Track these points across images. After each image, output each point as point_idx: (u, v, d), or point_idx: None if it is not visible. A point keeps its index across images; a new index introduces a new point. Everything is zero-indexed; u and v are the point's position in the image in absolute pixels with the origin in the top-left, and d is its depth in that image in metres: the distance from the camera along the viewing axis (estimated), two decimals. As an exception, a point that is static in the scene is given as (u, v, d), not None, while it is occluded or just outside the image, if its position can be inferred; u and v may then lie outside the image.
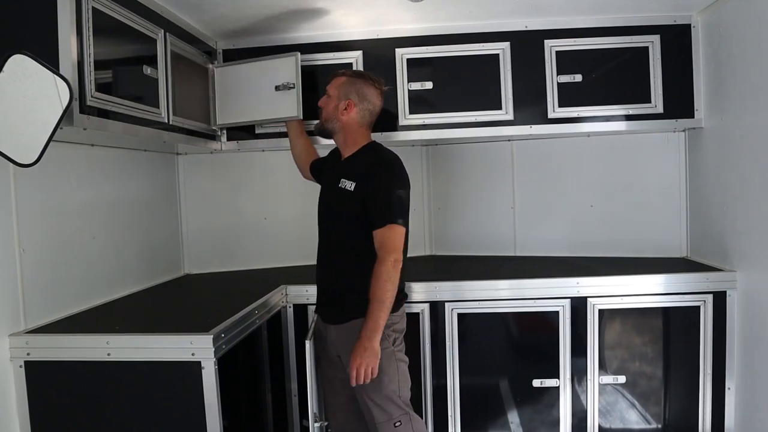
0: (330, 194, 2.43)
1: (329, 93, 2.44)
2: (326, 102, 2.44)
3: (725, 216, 2.84)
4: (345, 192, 2.32)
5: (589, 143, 3.40)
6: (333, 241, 2.42)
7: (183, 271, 3.45)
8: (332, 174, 2.45)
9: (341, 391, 2.42)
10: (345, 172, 2.36)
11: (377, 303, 2.17)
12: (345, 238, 2.36)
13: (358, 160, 2.39)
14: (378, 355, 2.18)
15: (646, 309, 2.83)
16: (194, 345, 2.00)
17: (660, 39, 3.01)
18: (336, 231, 2.40)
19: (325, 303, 2.45)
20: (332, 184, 2.39)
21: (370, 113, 2.43)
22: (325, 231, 2.47)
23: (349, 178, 2.32)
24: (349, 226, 2.32)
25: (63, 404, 2.08)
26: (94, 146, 2.61)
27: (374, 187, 2.27)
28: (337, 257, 2.40)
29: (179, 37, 2.69)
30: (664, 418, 2.87)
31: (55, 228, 2.34)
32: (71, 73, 1.92)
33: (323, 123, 2.46)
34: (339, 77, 2.45)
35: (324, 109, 2.45)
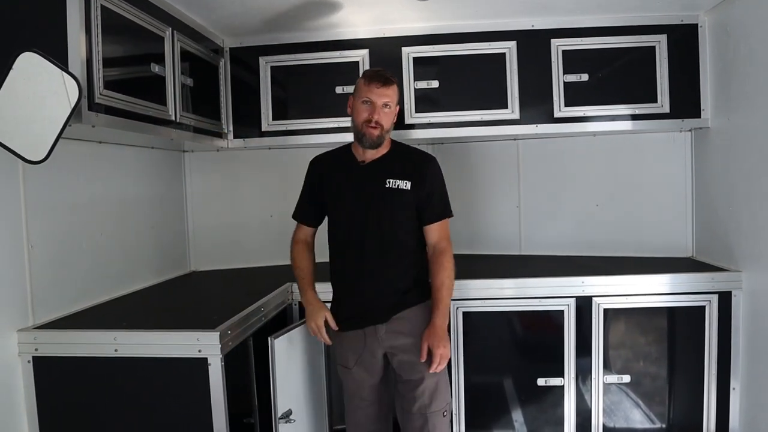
0: (373, 197, 2.30)
1: (392, 104, 2.28)
2: (387, 115, 2.27)
3: (731, 216, 2.84)
4: (397, 191, 2.28)
5: (595, 143, 3.39)
6: (385, 243, 2.29)
7: (189, 268, 3.46)
8: (366, 177, 2.32)
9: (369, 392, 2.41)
10: (388, 172, 2.29)
11: (447, 291, 2.26)
12: (402, 236, 2.32)
13: (398, 160, 2.34)
14: (448, 341, 2.25)
15: (651, 309, 2.82)
16: (201, 341, 2.01)
17: (667, 38, 3.00)
18: (390, 231, 2.29)
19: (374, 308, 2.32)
20: (373, 187, 2.29)
21: None
22: (369, 234, 2.30)
23: (399, 177, 2.28)
24: (406, 224, 2.32)
25: (70, 399, 2.10)
26: (102, 143, 2.63)
27: (432, 184, 2.32)
28: (393, 258, 2.31)
29: (187, 35, 2.70)
30: (668, 417, 2.86)
31: (63, 224, 2.36)
32: (80, 70, 1.93)
33: (381, 135, 2.28)
34: (395, 86, 2.28)
35: (383, 122, 2.26)
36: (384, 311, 2.31)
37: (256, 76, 3.16)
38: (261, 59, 3.16)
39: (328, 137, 3.13)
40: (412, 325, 2.30)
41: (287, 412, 2.35)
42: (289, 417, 2.35)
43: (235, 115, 3.19)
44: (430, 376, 2.27)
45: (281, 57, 3.15)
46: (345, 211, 2.36)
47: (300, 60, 3.14)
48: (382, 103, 2.25)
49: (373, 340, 2.33)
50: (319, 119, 3.13)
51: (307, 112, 3.16)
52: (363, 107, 2.27)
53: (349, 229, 2.34)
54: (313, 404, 2.68)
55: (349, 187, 2.36)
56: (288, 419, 2.35)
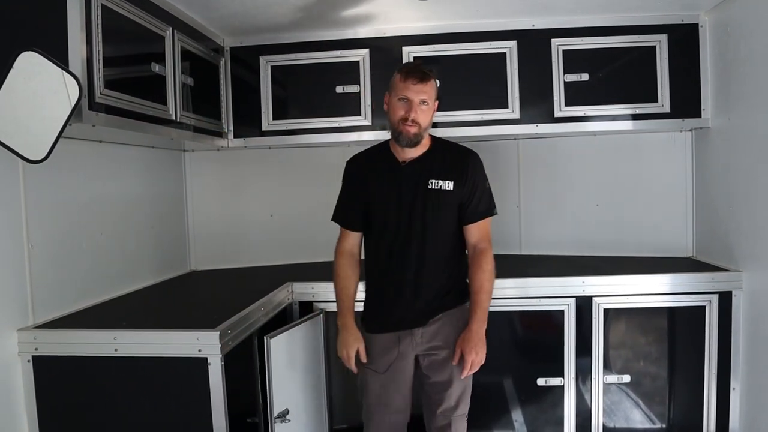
0: (416, 199, 2.21)
1: (429, 101, 2.17)
2: (426, 112, 2.17)
3: (731, 216, 2.83)
4: (441, 192, 2.20)
5: (596, 142, 3.39)
6: (429, 246, 2.22)
7: (189, 268, 3.46)
8: (408, 177, 2.23)
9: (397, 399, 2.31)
10: (431, 172, 2.22)
11: (487, 295, 2.21)
12: (446, 238, 2.25)
13: (438, 157, 2.25)
14: (485, 347, 2.20)
15: (652, 309, 2.82)
16: (201, 341, 2.01)
17: (667, 38, 3.00)
18: (433, 234, 2.22)
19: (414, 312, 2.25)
20: (415, 188, 2.21)
21: None
22: (413, 238, 2.22)
23: (442, 177, 2.21)
24: (450, 225, 2.25)
25: (70, 399, 2.10)
26: (102, 143, 2.63)
27: (474, 181, 2.24)
28: (436, 261, 2.24)
29: (187, 35, 2.70)
30: (668, 417, 2.86)
31: (63, 224, 2.36)
32: (80, 70, 1.93)
33: (420, 134, 2.19)
34: (432, 81, 2.18)
35: (421, 121, 2.16)
36: (424, 315, 2.25)
37: (257, 75, 3.16)
38: (261, 59, 3.16)
39: (329, 137, 3.14)
40: (449, 328, 2.25)
41: (284, 411, 2.35)
42: (285, 417, 2.35)
43: (235, 115, 3.19)
44: (458, 380, 2.24)
45: (281, 56, 3.15)
46: (386, 213, 2.25)
47: (300, 59, 3.14)
48: (419, 100, 2.14)
49: (408, 343, 2.25)
50: (320, 119, 3.13)
51: (307, 111, 3.16)
52: (399, 104, 2.16)
53: (391, 232, 2.25)
54: (312, 404, 2.68)
55: (390, 189, 2.25)
56: (284, 419, 2.34)
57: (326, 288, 2.86)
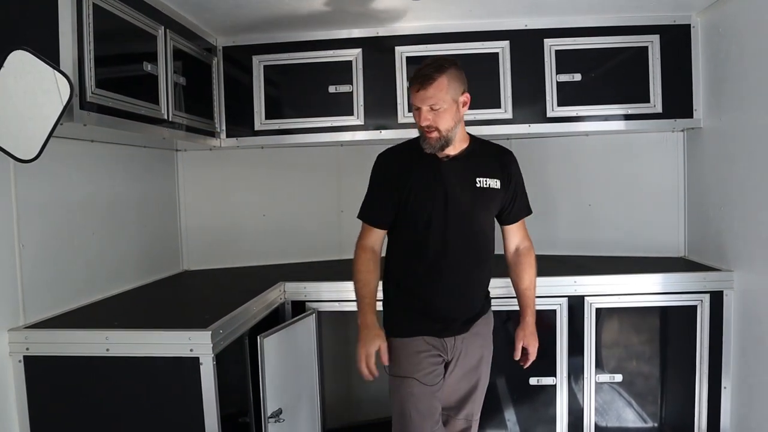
0: (464, 196, 2.11)
1: (438, 106, 2.01)
2: (440, 116, 2.02)
3: (723, 216, 2.85)
4: (490, 191, 2.15)
5: (588, 142, 3.40)
6: (473, 246, 2.16)
7: (182, 267, 3.46)
8: (453, 174, 2.12)
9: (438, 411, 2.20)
10: (476, 170, 2.14)
11: (535, 290, 2.31)
12: (487, 239, 2.21)
13: (480, 154, 2.18)
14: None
15: (644, 308, 2.84)
16: (192, 341, 2.01)
17: (659, 39, 3.01)
18: (478, 234, 2.17)
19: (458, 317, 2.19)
20: (462, 185, 2.12)
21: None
22: (457, 237, 2.12)
23: (488, 175, 2.15)
24: (491, 226, 2.23)
25: (62, 399, 2.09)
26: (94, 142, 2.62)
27: (517, 181, 2.25)
28: (480, 263, 2.21)
29: (180, 34, 2.69)
30: (660, 416, 2.88)
31: (54, 223, 2.35)
32: (72, 69, 1.92)
33: (447, 138, 2.06)
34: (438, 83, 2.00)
35: (440, 126, 2.03)
36: (469, 320, 2.21)
37: (249, 75, 3.16)
38: (254, 58, 3.15)
39: (321, 136, 3.14)
40: (483, 333, 2.28)
41: (277, 411, 2.35)
42: (279, 416, 2.35)
43: (228, 114, 3.18)
44: (482, 386, 2.29)
45: (274, 56, 3.15)
46: (433, 211, 2.11)
47: (293, 59, 3.14)
48: (427, 107, 2.02)
49: (451, 350, 2.20)
50: (313, 118, 3.13)
51: (300, 111, 3.16)
52: (415, 114, 2.08)
53: (439, 231, 2.11)
54: (305, 404, 2.68)
55: (436, 185, 2.11)
56: (278, 419, 2.34)
57: (318, 288, 2.87)
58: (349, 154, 3.62)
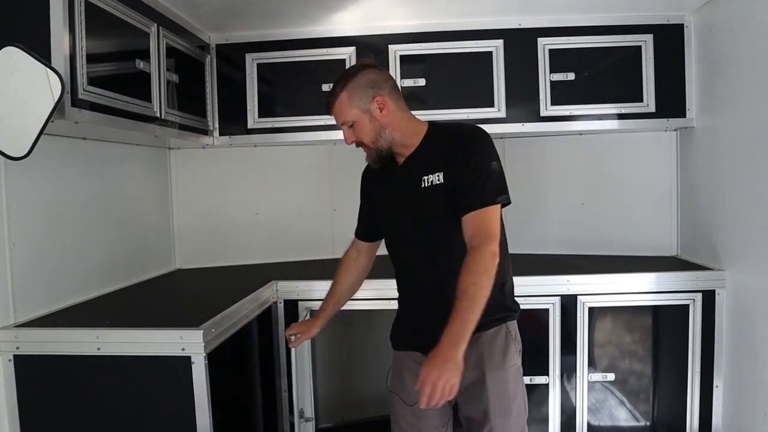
0: (412, 203, 1.95)
1: (347, 122, 1.94)
2: (358, 131, 1.94)
3: (715, 215, 2.86)
4: (433, 189, 1.89)
5: (582, 141, 3.41)
6: (434, 253, 1.93)
7: (174, 266, 3.44)
8: (401, 179, 1.98)
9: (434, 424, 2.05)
10: (422, 167, 1.92)
11: (468, 302, 1.65)
12: (454, 244, 1.86)
13: (430, 148, 1.94)
14: (461, 368, 1.59)
15: (636, 307, 2.84)
16: (184, 340, 1.99)
17: (653, 38, 3.02)
18: (437, 239, 1.92)
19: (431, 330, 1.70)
20: (409, 189, 1.95)
21: (396, 89, 1.97)
22: (415, 245, 1.98)
23: (432, 170, 1.89)
24: (457, 227, 1.85)
25: (52, 398, 2.07)
26: (85, 140, 2.60)
27: (463, 164, 1.85)
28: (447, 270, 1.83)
29: (172, 31, 2.68)
30: (652, 415, 2.89)
31: (45, 222, 2.33)
32: (63, 66, 1.90)
33: (377, 148, 1.95)
34: (337, 102, 1.94)
35: (362, 139, 1.96)
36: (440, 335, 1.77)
37: (243, 73, 3.15)
38: (247, 56, 3.14)
39: (315, 135, 3.13)
40: (483, 350, 1.93)
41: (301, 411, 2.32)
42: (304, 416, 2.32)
43: (221, 113, 3.17)
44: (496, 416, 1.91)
45: (267, 54, 3.14)
46: (390, 222, 2.07)
47: (286, 57, 3.12)
48: (345, 126, 1.96)
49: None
50: (306, 117, 3.12)
51: (293, 109, 3.15)
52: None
53: (400, 242, 2.05)
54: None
55: (388, 194, 2.05)
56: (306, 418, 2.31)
57: (311, 286, 2.86)
58: (342, 153, 3.61)
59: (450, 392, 1.57)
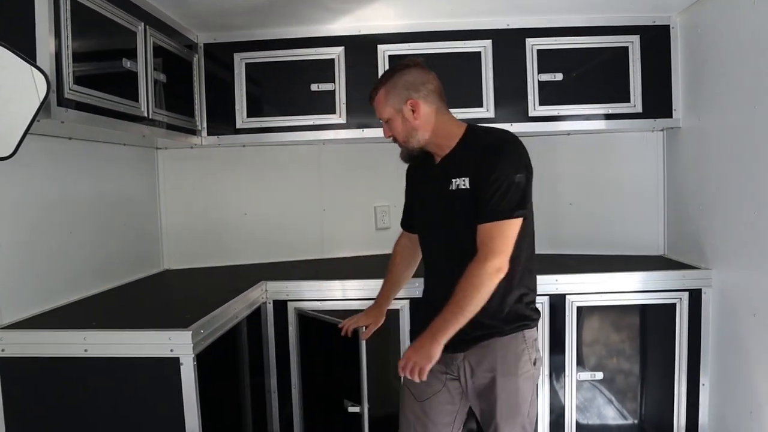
0: (440, 202, 2.02)
1: (384, 118, 2.03)
2: (392, 128, 2.03)
3: (702, 215, 2.88)
4: (459, 193, 1.94)
5: (569, 142, 3.42)
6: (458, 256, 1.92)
7: (162, 267, 3.42)
8: (435, 178, 2.03)
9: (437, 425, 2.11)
10: (454, 170, 1.97)
11: (456, 307, 1.80)
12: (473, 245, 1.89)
13: (464, 151, 1.99)
14: (432, 358, 1.79)
15: (624, 306, 2.86)
16: (173, 341, 1.98)
17: (639, 39, 3.04)
18: (462, 243, 1.93)
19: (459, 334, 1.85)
20: (439, 189, 2.00)
21: (434, 92, 2.00)
22: (441, 247, 2.06)
23: (462, 174, 1.93)
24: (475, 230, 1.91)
25: (39, 400, 2.05)
26: (72, 139, 2.58)
27: (484, 174, 1.88)
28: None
29: (160, 30, 2.66)
30: (640, 413, 2.90)
31: (31, 222, 2.31)
32: (49, 65, 1.89)
33: (407, 147, 2.04)
34: (376, 96, 2.03)
35: (396, 136, 2.04)
36: (465, 339, 1.92)
37: (231, 72, 3.13)
38: (236, 55, 3.13)
39: (304, 135, 3.12)
40: (493, 358, 1.98)
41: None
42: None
43: (209, 112, 3.15)
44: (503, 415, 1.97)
45: (256, 54, 3.12)
46: (419, 217, 2.16)
47: (275, 57, 3.11)
48: (383, 122, 2.06)
49: (453, 369, 2.05)
50: (295, 117, 3.11)
51: (282, 109, 3.14)
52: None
53: (426, 242, 2.13)
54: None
55: (422, 191, 2.13)
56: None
57: (300, 287, 2.86)
58: (332, 153, 3.61)
59: (420, 375, 1.79)
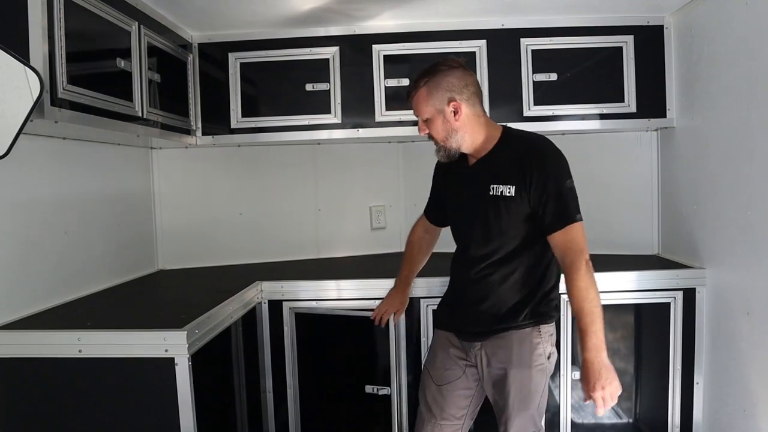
0: (479, 206, 2.08)
1: (423, 117, 2.07)
2: (429, 126, 2.08)
3: (695, 214, 2.89)
4: (502, 199, 2.01)
5: (564, 142, 3.40)
6: (493, 256, 2.07)
7: (157, 267, 3.41)
8: (471, 180, 2.12)
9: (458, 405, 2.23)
10: (493, 174, 2.04)
11: (590, 317, 1.90)
12: (518, 250, 2.05)
13: (503, 156, 2.06)
14: (613, 374, 1.89)
15: (618, 306, 2.86)
16: (167, 341, 1.98)
17: (633, 39, 3.04)
18: (498, 244, 2.06)
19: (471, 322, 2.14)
20: (477, 192, 2.08)
21: (476, 94, 2.06)
22: (477, 246, 2.12)
23: (503, 181, 2.01)
24: (519, 235, 2.04)
25: (33, 402, 2.04)
26: (66, 139, 2.57)
27: (542, 184, 1.97)
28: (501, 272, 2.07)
29: (154, 30, 2.66)
30: (635, 412, 2.91)
31: (25, 223, 2.30)
32: (42, 64, 1.88)
33: (445, 147, 2.08)
34: (417, 94, 2.06)
35: (434, 136, 2.09)
36: (485, 329, 2.09)
37: (225, 72, 3.13)
38: (230, 55, 3.12)
39: (299, 135, 3.11)
40: (509, 347, 2.07)
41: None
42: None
43: (203, 112, 3.15)
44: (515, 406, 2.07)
45: (251, 53, 3.12)
46: (456, 217, 2.25)
47: (270, 56, 3.11)
48: (420, 119, 2.10)
49: (471, 356, 2.16)
50: (290, 116, 3.11)
51: (277, 109, 3.13)
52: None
53: (461, 236, 2.24)
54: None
55: (458, 193, 2.20)
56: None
57: (296, 287, 2.85)
58: (327, 153, 3.61)
59: (617, 392, 1.88)
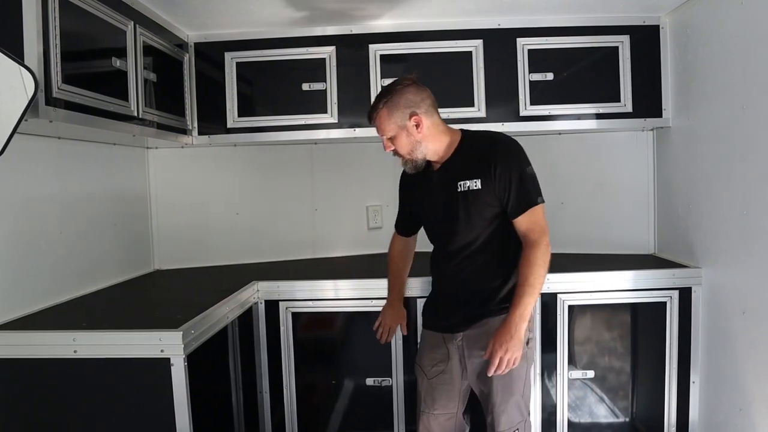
0: (449, 204, 2.22)
1: (387, 135, 2.20)
2: (394, 143, 2.21)
3: (691, 214, 2.90)
4: (470, 193, 2.16)
5: (561, 141, 3.43)
6: (467, 249, 2.23)
7: (153, 267, 3.40)
8: (438, 183, 2.26)
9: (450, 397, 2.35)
10: (459, 173, 2.19)
11: (530, 288, 2.08)
12: (491, 240, 2.20)
13: (465, 155, 2.21)
14: (521, 345, 2.09)
15: (615, 305, 2.87)
16: (163, 341, 1.97)
17: (629, 39, 3.05)
18: (470, 237, 2.21)
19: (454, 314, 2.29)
20: (447, 192, 2.22)
21: (432, 106, 2.20)
22: (451, 242, 2.25)
23: (469, 176, 2.16)
24: (490, 226, 2.19)
25: (28, 403, 2.04)
26: (61, 139, 2.56)
27: (504, 172, 2.13)
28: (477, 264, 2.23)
29: (149, 29, 2.65)
30: (631, 411, 2.92)
31: (20, 223, 2.29)
32: (37, 63, 1.87)
33: (411, 160, 2.23)
34: (379, 116, 2.19)
35: (399, 151, 2.22)
36: (467, 319, 2.25)
37: (222, 71, 3.12)
38: (226, 55, 3.11)
39: (295, 134, 3.11)
40: (488, 338, 2.16)
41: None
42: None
43: (199, 112, 3.14)
44: (498, 392, 2.19)
45: (247, 53, 3.11)
46: (428, 221, 2.39)
47: (266, 56, 3.11)
48: (385, 138, 2.22)
49: (453, 347, 2.30)
50: (286, 116, 3.10)
51: (273, 108, 3.13)
52: None
53: (436, 237, 2.37)
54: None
55: (426, 197, 2.32)
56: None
57: (292, 287, 2.85)
58: (323, 153, 3.61)
59: (514, 363, 2.08)
